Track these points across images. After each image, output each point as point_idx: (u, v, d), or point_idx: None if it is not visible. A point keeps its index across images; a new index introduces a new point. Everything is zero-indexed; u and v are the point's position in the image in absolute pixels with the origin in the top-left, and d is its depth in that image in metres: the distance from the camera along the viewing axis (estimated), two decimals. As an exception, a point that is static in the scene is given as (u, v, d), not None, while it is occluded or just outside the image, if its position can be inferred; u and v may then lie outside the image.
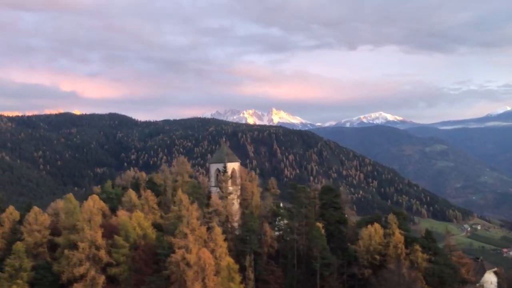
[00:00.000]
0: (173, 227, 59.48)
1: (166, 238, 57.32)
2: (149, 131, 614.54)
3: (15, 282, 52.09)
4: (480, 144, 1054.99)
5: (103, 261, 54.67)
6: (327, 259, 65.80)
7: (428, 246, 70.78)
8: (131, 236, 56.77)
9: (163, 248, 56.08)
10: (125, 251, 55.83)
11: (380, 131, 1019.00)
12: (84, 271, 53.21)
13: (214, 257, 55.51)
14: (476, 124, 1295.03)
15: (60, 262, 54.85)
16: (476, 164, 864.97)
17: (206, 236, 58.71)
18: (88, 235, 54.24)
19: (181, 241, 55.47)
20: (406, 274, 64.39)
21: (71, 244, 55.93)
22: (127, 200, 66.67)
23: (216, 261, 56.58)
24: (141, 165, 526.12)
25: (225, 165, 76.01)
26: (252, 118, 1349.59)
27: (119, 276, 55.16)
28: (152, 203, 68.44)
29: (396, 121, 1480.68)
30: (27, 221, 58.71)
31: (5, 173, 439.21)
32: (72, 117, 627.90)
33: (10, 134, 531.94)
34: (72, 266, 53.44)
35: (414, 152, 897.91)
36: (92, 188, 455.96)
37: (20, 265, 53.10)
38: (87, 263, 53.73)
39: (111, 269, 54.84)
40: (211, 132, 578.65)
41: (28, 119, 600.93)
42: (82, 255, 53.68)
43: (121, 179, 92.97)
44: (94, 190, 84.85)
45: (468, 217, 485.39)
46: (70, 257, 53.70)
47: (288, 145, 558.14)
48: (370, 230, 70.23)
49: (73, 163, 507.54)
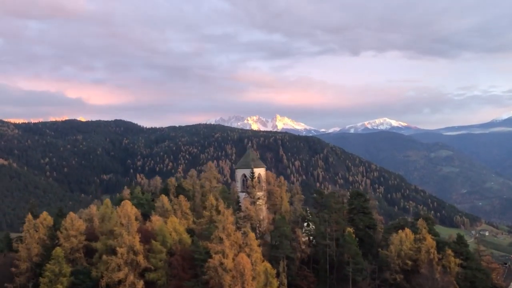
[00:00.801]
0: (208, 232, 59.43)
1: (202, 243, 57.21)
2: (155, 137, 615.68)
3: (55, 287, 52.06)
4: (486, 150, 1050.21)
5: (141, 266, 54.59)
6: (360, 264, 65.49)
7: (460, 251, 70.40)
8: (168, 241, 56.71)
9: (200, 253, 55.97)
10: (163, 256, 55.75)
11: (385, 137, 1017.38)
12: (123, 276, 53.12)
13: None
14: (481, 129, 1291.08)
15: (98, 267, 54.78)
16: (482, 170, 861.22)
17: (241, 241, 58.64)
18: (126, 240, 54.20)
19: (217, 246, 55.39)
20: (439, 279, 64.05)
21: (109, 249, 55.91)
22: (159, 205, 66.65)
23: (252, 267, 56.45)
24: (147, 171, 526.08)
25: (252, 171, 75.99)
26: (256, 125, 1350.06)
27: (157, 281, 55.02)
28: (185, 208, 68.39)
29: (401, 127, 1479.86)
30: (64, 226, 58.75)
31: (13, 180, 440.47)
32: (78, 124, 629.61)
33: (17, 141, 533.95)
34: (111, 271, 53.37)
35: (419, 157, 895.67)
36: (99, 194, 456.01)
37: (60, 270, 53.12)
38: (125, 268, 53.65)
39: (149, 274, 54.72)
40: (217, 138, 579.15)
41: (34, 126, 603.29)
42: (121, 260, 53.61)
43: (149, 185, 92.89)
44: (124, 195, 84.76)
45: (476, 223, 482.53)
46: (109, 262, 53.64)
47: (294, 151, 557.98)
48: (401, 235, 69.95)
49: (79, 169, 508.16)
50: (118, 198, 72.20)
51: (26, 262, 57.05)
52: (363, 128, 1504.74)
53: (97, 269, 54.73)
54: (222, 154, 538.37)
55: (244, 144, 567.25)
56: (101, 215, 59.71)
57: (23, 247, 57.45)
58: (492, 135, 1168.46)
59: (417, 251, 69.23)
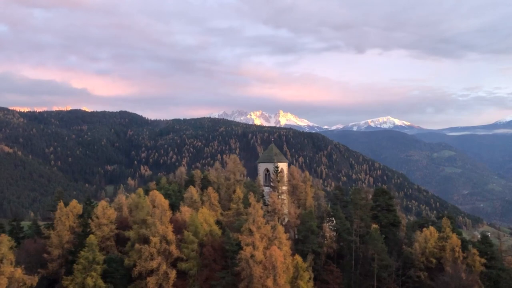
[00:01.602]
0: (237, 225, 59.76)
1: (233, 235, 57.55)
2: (160, 130, 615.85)
3: (90, 274, 52.44)
4: (489, 151, 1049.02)
5: (173, 256, 54.93)
6: (385, 261, 65.77)
7: (484, 250, 70.66)
8: (200, 232, 57.02)
9: (231, 244, 56.33)
10: (194, 247, 56.06)
11: (388, 136, 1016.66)
12: (156, 265, 53.49)
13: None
14: (485, 131, 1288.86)
15: (131, 256, 55.12)
16: (484, 171, 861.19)
17: (270, 234, 58.95)
18: (160, 230, 54.51)
19: (248, 238, 55.73)
20: (464, 278, 64.28)
21: (141, 238, 56.23)
22: (188, 196, 66.89)
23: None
24: (151, 163, 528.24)
25: (276, 165, 76.13)
26: (259, 120, 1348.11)
27: (189, 271, 55.37)
28: (214, 200, 68.67)
29: (404, 126, 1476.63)
30: (95, 215, 59.10)
31: (17, 168, 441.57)
32: (83, 114, 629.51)
33: (22, 130, 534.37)
34: (144, 260, 53.72)
35: (421, 157, 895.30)
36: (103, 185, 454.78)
37: (93, 258, 53.47)
38: (158, 258, 53.98)
39: (181, 264, 55.07)
40: (221, 132, 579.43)
41: (39, 115, 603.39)
42: (154, 249, 53.94)
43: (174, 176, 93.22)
44: (150, 186, 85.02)
45: (478, 224, 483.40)
46: (142, 251, 53.96)
47: (298, 147, 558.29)
48: (426, 233, 70.17)
49: (84, 160, 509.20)
50: (144, 188, 72.57)
51: (58, 249, 57.45)
52: (366, 126, 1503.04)
53: (129, 257, 55.04)
54: (226, 148, 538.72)
55: (248, 139, 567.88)
56: (133, 204, 59.98)
57: (55, 234, 57.82)
58: (495, 137, 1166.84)
59: (441, 249, 69.49)
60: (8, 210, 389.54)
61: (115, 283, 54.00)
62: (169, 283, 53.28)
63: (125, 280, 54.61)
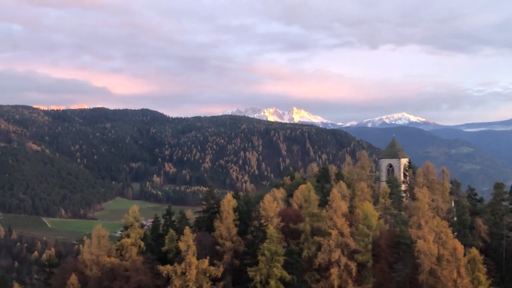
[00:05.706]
0: (399, 219, 59.90)
1: (405, 228, 57.65)
2: (182, 127, 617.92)
3: (275, 265, 52.76)
4: (507, 147, 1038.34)
5: (350, 248, 55.05)
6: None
7: None
8: (373, 225, 57.17)
9: (405, 237, 56.42)
10: (369, 240, 56.19)
11: (404, 132, 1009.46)
12: (337, 257, 53.66)
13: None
14: (502, 126, 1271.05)
15: (310, 248, 55.34)
16: (503, 168, 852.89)
17: (436, 227, 58.85)
18: (338, 223, 54.67)
19: (418, 232, 55.94)
20: None
21: (315, 231, 56.47)
22: (339, 191, 66.99)
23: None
24: (175, 160, 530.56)
25: (408, 161, 75.81)
26: (272, 117, 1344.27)
27: (366, 263, 55.48)
28: (367, 195, 68.79)
29: (419, 122, 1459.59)
30: (262, 207, 59.43)
31: (46, 166, 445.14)
32: (106, 112, 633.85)
33: (47, 128, 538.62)
34: (324, 252, 53.91)
35: (439, 154, 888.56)
36: (129, 182, 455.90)
37: (275, 250, 53.72)
38: (338, 250, 54.13)
39: (358, 256, 55.17)
40: (243, 129, 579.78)
41: (63, 113, 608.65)
42: (332, 242, 54.10)
43: (304, 172, 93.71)
44: (285, 181, 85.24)
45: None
46: (322, 243, 54.16)
47: (321, 144, 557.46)
48: None
49: (109, 157, 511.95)
50: (279, 183, 72.68)
51: (228, 241, 57.79)
52: (381, 122, 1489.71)
53: (308, 249, 55.30)
54: (249, 146, 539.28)
55: (270, 136, 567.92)
56: (306, 198, 60.43)
57: (223, 227, 58.10)
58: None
59: None
60: (40, 207, 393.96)
61: (296, 275, 54.24)
62: (352, 274, 53.48)
63: (304, 272, 54.86)
